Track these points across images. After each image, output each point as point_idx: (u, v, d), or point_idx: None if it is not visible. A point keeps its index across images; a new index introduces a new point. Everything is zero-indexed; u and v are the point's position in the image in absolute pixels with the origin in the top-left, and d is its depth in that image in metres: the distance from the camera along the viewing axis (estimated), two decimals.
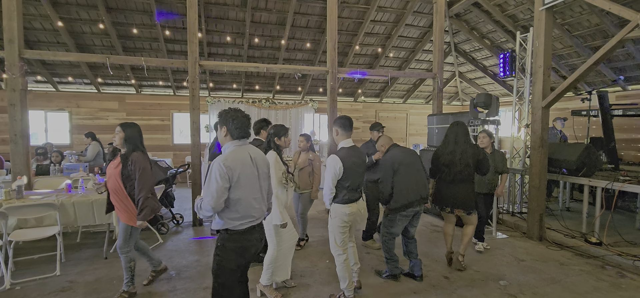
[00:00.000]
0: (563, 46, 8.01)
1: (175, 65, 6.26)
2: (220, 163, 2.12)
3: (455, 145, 3.71)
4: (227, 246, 2.21)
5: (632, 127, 7.75)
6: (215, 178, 2.10)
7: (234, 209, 2.19)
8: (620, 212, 5.97)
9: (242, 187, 2.19)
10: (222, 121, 2.26)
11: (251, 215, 2.26)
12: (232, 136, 2.26)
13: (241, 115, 2.27)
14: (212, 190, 2.11)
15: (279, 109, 11.13)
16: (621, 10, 3.96)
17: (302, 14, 8.54)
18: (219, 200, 2.11)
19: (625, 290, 3.41)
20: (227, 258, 2.21)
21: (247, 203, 2.23)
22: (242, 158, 2.21)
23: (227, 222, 2.19)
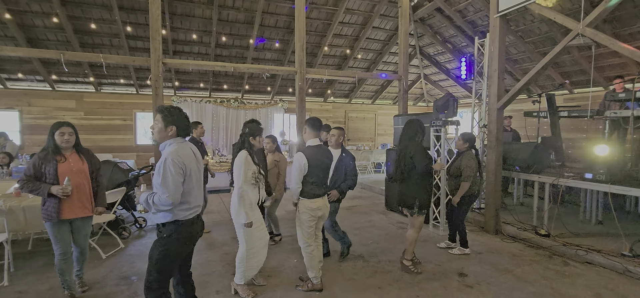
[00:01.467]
0: (517, 51, 8.55)
1: (137, 63, 6.04)
2: (174, 158, 2.20)
3: (399, 144, 3.84)
4: (174, 237, 2.29)
5: (577, 127, 8.41)
6: (170, 172, 2.17)
7: (185, 200, 2.29)
8: (568, 206, 6.48)
9: (192, 179, 2.33)
10: (171, 120, 2.29)
11: (198, 204, 2.43)
12: (180, 134, 2.35)
13: (186, 116, 2.40)
14: (169, 184, 2.17)
15: (248, 109, 11.01)
16: (564, 19, 4.31)
17: (270, 13, 8.51)
18: (177, 193, 2.19)
19: (569, 277, 3.72)
20: (174, 247, 2.30)
21: (195, 194, 2.38)
22: (188, 153, 2.34)
23: (177, 214, 2.28)
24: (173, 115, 2.31)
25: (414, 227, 3.79)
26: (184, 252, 2.41)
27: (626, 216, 5.68)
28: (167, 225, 2.29)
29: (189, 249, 2.47)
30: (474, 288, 3.46)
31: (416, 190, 3.67)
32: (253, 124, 3.29)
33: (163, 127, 2.29)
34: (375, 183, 9.15)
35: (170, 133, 2.31)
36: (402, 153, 3.73)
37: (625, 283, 3.57)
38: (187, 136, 2.44)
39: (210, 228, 5.49)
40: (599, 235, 4.82)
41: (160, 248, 2.28)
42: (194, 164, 2.37)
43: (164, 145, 2.33)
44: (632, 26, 6.43)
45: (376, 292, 3.37)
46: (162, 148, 2.33)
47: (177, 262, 2.39)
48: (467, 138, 4.39)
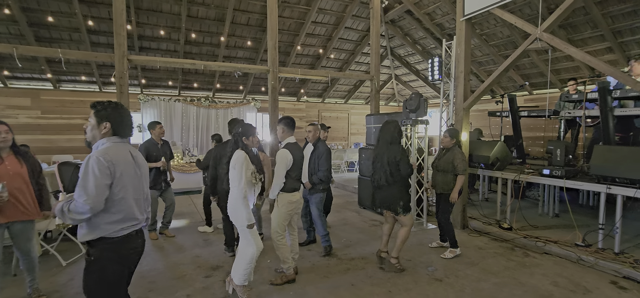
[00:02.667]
0: (482, 54, 8.95)
1: (100, 59, 5.74)
2: (99, 157, 1.86)
3: (377, 147, 3.80)
4: (105, 257, 1.92)
5: (537, 126, 8.94)
6: (93, 174, 1.82)
7: (114, 211, 1.92)
8: (529, 200, 6.86)
9: (125, 186, 1.96)
10: (105, 115, 1.99)
11: (134, 218, 2.03)
12: (117, 132, 2.03)
13: (128, 113, 2.11)
14: (90, 187, 1.81)
15: (219, 108, 10.78)
16: (524, 24, 4.56)
17: (242, 11, 8.38)
18: (98, 198, 1.83)
19: (528, 267, 3.94)
20: (110, 270, 1.94)
21: (129, 204, 1.99)
22: (124, 155, 2.01)
23: (104, 228, 1.90)
24: (107, 110, 1.99)
25: (406, 226, 3.75)
26: (124, 273, 2.04)
27: (579, 209, 6.11)
28: (94, 244, 1.91)
29: (130, 269, 2.10)
30: (443, 281, 3.59)
31: (400, 192, 3.66)
32: (244, 123, 3.20)
33: (96, 124, 1.98)
34: (348, 182, 9.25)
35: (104, 131, 1.99)
36: (383, 157, 3.65)
37: (579, 271, 3.83)
38: (126, 136, 2.09)
39: (179, 231, 5.33)
40: (555, 227, 5.15)
41: (92, 275, 1.91)
42: (130, 168, 2.01)
43: (97, 145, 2.00)
44: (583, 32, 6.91)
45: (349, 289, 3.41)
46: (95, 148, 2.00)
47: (120, 288, 2.03)
48: (454, 134, 4.34)
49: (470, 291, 3.38)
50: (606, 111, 4.65)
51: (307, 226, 4.65)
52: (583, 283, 3.52)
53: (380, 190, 3.73)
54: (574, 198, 6.44)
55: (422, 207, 5.67)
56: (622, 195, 3.94)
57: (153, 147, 4.76)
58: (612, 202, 4.13)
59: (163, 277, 3.69)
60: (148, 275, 3.72)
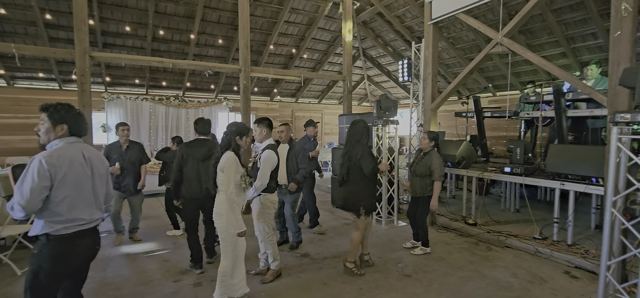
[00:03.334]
0: (449, 57, 9.30)
1: (59, 56, 5.44)
2: (41, 160, 1.87)
3: (346, 146, 3.75)
4: (45, 253, 1.93)
5: (500, 126, 9.41)
6: (32, 176, 1.84)
7: (56, 211, 1.93)
8: (493, 197, 7.21)
9: (68, 187, 1.96)
10: (59, 117, 2.01)
11: (79, 218, 2.01)
12: (74, 133, 2.07)
13: (79, 112, 2.12)
14: (25, 188, 1.83)
15: (190, 108, 10.52)
16: (487, 29, 4.80)
17: (212, 8, 8.22)
18: (33, 200, 1.84)
19: (491, 261, 4.15)
20: (46, 267, 1.93)
21: (72, 205, 1.98)
22: (72, 156, 2.00)
23: (48, 225, 1.93)
24: (61, 112, 2.01)
25: (359, 230, 3.69)
26: (61, 275, 2.01)
27: (538, 204, 6.50)
28: (38, 239, 1.95)
29: (68, 272, 2.04)
30: (412, 277, 3.71)
31: (362, 194, 3.61)
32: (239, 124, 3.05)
33: (51, 126, 1.98)
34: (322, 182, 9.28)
35: (61, 132, 2.01)
36: (348, 155, 3.66)
37: (536, 262, 4.09)
38: (82, 136, 2.13)
39: (148, 235, 5.15)
40: (516, 222, 5.45)
41: (30, 266, 1.94)
42: (78, 168, 2.01)
43: (50, 146, 2.01)
44: (540, 38, 7.36)
45: (321, 288, 3.45)
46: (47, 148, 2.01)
47: (53, 287, 2.00)
48: (433, 137, 4.28)
49: (437, 285, 3.52)
50: (560, 112, 4.98)
51: (280, 226, 4.65)
52: (540, 274, 3.76)
53: (341, 189, 3.75)
54: (533, 194, 6.84)
55: (393, 205, 5.82)
56: (575, 191, 4.24)
57: (114, 151, 4.55)
58: (566, 197, 4.43)
59: (129, 283, 3.56)
60: (113, 281, 3.58)
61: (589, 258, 3.91)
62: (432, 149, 4.26)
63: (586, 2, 6.02)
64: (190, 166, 3.69)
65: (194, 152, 3.72)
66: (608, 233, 2.96)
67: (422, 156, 4.32)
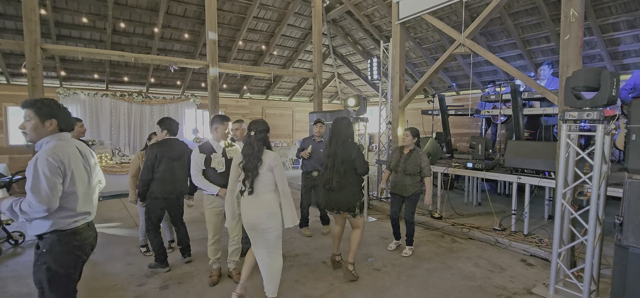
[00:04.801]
0: (416, 56, 9.58)
1: (5, 47, 5.02)
2: (48, 158, 1.87)
3: (330, 146, 3.53)
4: (59, 249, 1.96)
5: (463, 124, 9.84)
6: (43, 174, 1.84)
7: (66, 206, 1.97)
8: (457, 192, 7.53)
9: (75, 182, 2.00)
10: (48, 112, 1.98)
11: (85, 212, 2.09)
12: (62, 129, 2.05)
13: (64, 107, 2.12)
14: (42, 188, 1.83)
15: (154, 104, 10.09)
16: (450, 30, 4.99)
17: (177, 1, 7.92)
18: (53, 197, 1.86)
19: (455, 252, 4.35)
20: (61, 261, 1.98)
21: (79, 199, 2.03)
22: (70, 151, 2.02)
23: (57, 222, 1.95)
24: (50, 107, 1.98)
25: (360, 228, 3.59)
26: (77, 265, 2.09)
27: (498, 197, 6.87)
28: (45, 237, 1.96)
29: (81, 261, 2.12)
30: (381, 271, 3.80)
31: (356, 192, 3.48)
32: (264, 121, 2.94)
33: (39, 123, 1.95)
34: (293, 180, 9.28)
35: (50, 128, 1.98)
36: (336, 156, 3.42)
37: (496, 252, 4.33)
38: (70, 131, 2.11)
39: (110, 238, 4.90)
40: (478, 215, 5.74)
41: (44, 266, 1.93)
42: (79, 163, 2.06)
43: (41, 143, 1.98)
44: (500, 40, 7.76)
45: (293, 285, 3.45)
46: (38, 147, 1.98)
47: (73, 279, 2.07)
48: (416, 133, 4.17)
49: (405, 278, 3.63)
50: (517, 110, 5.29)
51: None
52: (499, 263, 3.99)
53: (334, 192, 3.45)
54: (493, 188, 7.23)
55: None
56: (530, 184, 4.53)
57: None
58: (523, 190, 4.72)
59: (91, 287, 3.37)
60: None
61: (543, 246, 4.20)
62: (415, 146, 4.18)
63: (540, 7, 6.42)
64: (164, 165, 3.62)
65: (168, 152, 3.65)
66: (559, 223, 3.20)
67: (408, 154, 4.16)
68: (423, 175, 4.13)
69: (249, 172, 2.75)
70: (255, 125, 2.81)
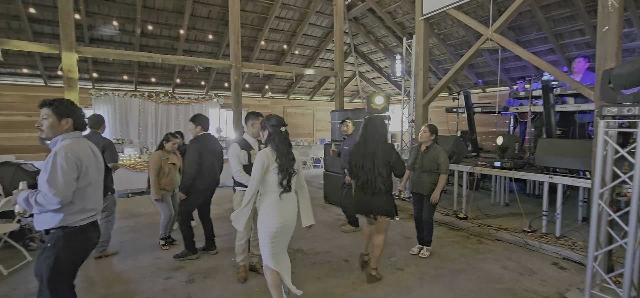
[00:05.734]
0: (440, 53, 9.36)
1: (44, 51, 5.30)
2: (67, 153, 1.96)
3: (365, 146, 3.34)
4: (62, 244, 2.02)
5: (489, 122, 9.52)
6: (61, 168, 1.92)
7: (77, 202, 2.04)
8: (483, 192, 7.30)
9: (88, 179, 2.09)
10: (64, 111, 2.08)
11: (92, 209, 2.16)
12: (77, 127, 2.15)
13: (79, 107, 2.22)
14: (59, 181, 1.91)
15: (180, 104, 10.38)
16: (477, 25, 4.84)
17: (202, 3, 8.11)
18: (67, 191, 1.94)
19: (482, 254, 4.21)
20: (64, 257, 2.04)
21: (89, 196, 2.12)
22: (84, 149, 2.12)
23: (66, 218, 2.01)
24: (66, 106, 2.09)
25: (385, 232, 3.41)
26: (77, 263, 2.15)
27: (527, 198, 6.61)
28: (51, 232, 2.02)
29: (82, 260, 2.18)
30: (404, 270, 3.74)
31: (391, 195, 3.34)
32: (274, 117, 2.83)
33: (56, 121, 2.05)
34: (314, 178, 9.31)
35: (66, 126, 2.08)
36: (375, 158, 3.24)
37: (525, 254, 4.16)
38: (84, 130, 2.22)
39: (138, 232, 5.08)
40: (506, 216, 5.53)
41: (47, 261, 2.00)
42: (92, 161, 2.14)
43: (56, 141, 2.07)
44: (530, 34, 7.46)
45: (314, 283, 3.45)
46: (53, 144, 2.06)
47: (71, 275, 2.15)
48: (434, 129, 4.03)
49: (429, 278, 3.55)
50: (549, 107, 5.06)
51: None
52: (529, 266, 3.83)
53: (375, 196, 3.28)
54: (522, 189, 6.95)
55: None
56: (563, 184, 4.32)
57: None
58: (555, 191, 4.51)
59: (120, 280, 3.51)
60: (106, 278, 3.52)
61: (577, 249, 3.99)
62: (433, 143, 4.03)
63: None
64: (205, 159, 3.80)
65: (207, 146, 3.84)
66: (595, 225, 3.03)
67: (425, 151, 4.02)
68: (440, 171, 3.93)
69: (287, 171, 2.58)
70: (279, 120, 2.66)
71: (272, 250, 2.62)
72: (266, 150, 2.59)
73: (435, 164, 3.93)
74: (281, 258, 2.73)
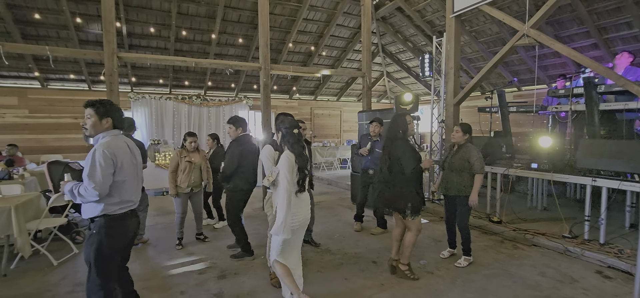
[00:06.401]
0: (472, 51, 9.06)
1: (89, 57, 5.67)
2: (104, 150, 2.15)
3: (385, 143, 3.48)
4: (104, 232, 2.22)
5: (526, 122, 9.09)
6: (99, 163, 2.12)
7: (115, 194, 2.24)
8: (519, 195, 6.98)
9: (124, 173, 2.27)
10: (105, 112, 2.27)
11: (129, 200, 2.35)
12: (116, 126, 2.34)
13: (119, 107, 2.40)
14: (97, 175, 2.11)
15: (211, 106, 10.73)
16: (512, 21, 4.64)
17: (233, 8, 8.35)
18: (105, 184, 2.14)
19: (518, 259, 4.03)
20: (106, 242, 2.23)
21: (126, 188, 2.31)
22: (121, 146, 2.30)
23: (107, 208, 2.22)
24: (106, 107, 2.28)
25: (412, 231, 3.41)
26: (119, 248, 2.34)
27: (568, 202, 6.24)
28: (95, 220, 2.23)
29: (124, 245, 2.39)
30: (434, 274, 3.65)
31: (407, 192, 3.29)
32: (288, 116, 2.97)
33: (98, 120, 2.24)
34: (341, 179, 9.30)
35: (106, 125, 2.28)
36: (388, 153, 3.37)
37: (565, 261, 3.93)
38: (122, 129, 2.41)
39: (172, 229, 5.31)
40: (544, 220, 5.26)
41: (93, 246, 2.20)
42: (128, 158, 2.32)
43: (97, 138, 2.27)
44: (570, 28, 7.05)
45: (342, 283, 3.46)
46: (95, 142, 2.26)
47: (115, 260, 2.33)
48: (467, 129, 3.86)
49: (461, 283, 3.45)
50: (591, 105, 4.75)
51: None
52: (570, 273, 3.62)
53: (383, 190, 3.42)
54: (562, 192, 6.58)
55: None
56: (607, 188, 4.05)
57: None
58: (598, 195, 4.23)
59: (157, 275, 3.68)
60: (144, 271, 3.71)
61: (624, 257, 3.73)
62: (466, 142, 3.83)
63: None
64: (247, 159, 3.96)
65: (249, 147, 4.00)
66: None
67: (456, 149, 3.87)
68: (474, 171, 3.71)
69: (305, 170, 2.72)
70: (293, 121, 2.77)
71: (284, 247, 2.71)
72: (287, 152, 2.69)
73: (465, 163, 3.74)
74: (292, 255, 2.81)
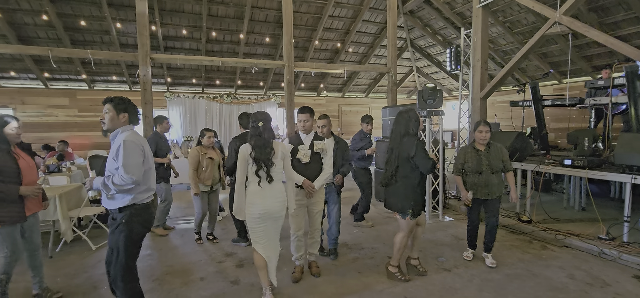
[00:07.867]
0: (506, 42, 8.61)
1: (125, 59, 6.09)
2: (133, 141, 2.34)
3: (390, 140, 3.33)
4: (135, 219, 2.38)
5: (565, 117, 8.49)
6: (132, 153, 2.30)
7: (144, 182, 2.41)
8: (556, 194, 6.56)
9: (148, 162, 2.47)
10: (122, 107, 2.44)
11: (153, 188, 2.55)
12: (131, 121, 2.49)
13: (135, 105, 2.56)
14: (132, 162, 2.28)
15: (241, 104, 11.06)
16: (542, 8, 4.38)
17: (260, 8, 8.55)
18: (139, 171, 2.32)
19: (545, 260, 3.82)
20: (136, 230, 2.40)
21: (152, 176, 2.53)
22: (142, 138, 2.51)
23: (136, 197, 2.38)
24: (124, 103, 2.45)
25: (403, 231, 3.28)
26: (144, 234, 2.51)
27: (610, 202, 5.78)
28: (124, 209, 2.35)
29: (146, 232, 2.55)
30: (451, 271, 3.56)
31: (412, 193, 3.16)
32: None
33: (115, 115, 2.41)
34: None
35: (123, 120, 2.44)
36: (395, 152, 3.20)
37: (599, 264, 3.66)
38: (136, 124, 2.56)
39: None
40: (580, 221, 4.91)
41: (123, 233, 2.33)
42: (148, 149, 2.52)
43: (116, 133, 2.42)
44: (616, 15, 6.49)
45: (355, 277, 3.47)
46: (113, 136, 2.43)
47: (140, 244, 2.50)
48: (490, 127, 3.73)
49: (478, 281, 3.33)
50: (635, 97, 4.37)
51: None
52: (602, 277, 3.37)
53: (387, 189, 3.30)
54: (604, 192, 6.10)
55: (438, 200, 5.59)
56: None
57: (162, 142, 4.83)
58: None
59: (179, 261, 3.91)
60: (165, 260, 3.96)
61: None
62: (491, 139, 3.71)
63: None
64: None
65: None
66: None
67: (486, 150, 3.66)
68: (506, 169, 3.67)
69: (262, 162, 2.76)
70: (261, 116, 2.85)
71: (257, 235, 2.87)
72: (245, 145, 2.85)
73: (500, 163, 3.64)
74: (269, 246, 2.91)
